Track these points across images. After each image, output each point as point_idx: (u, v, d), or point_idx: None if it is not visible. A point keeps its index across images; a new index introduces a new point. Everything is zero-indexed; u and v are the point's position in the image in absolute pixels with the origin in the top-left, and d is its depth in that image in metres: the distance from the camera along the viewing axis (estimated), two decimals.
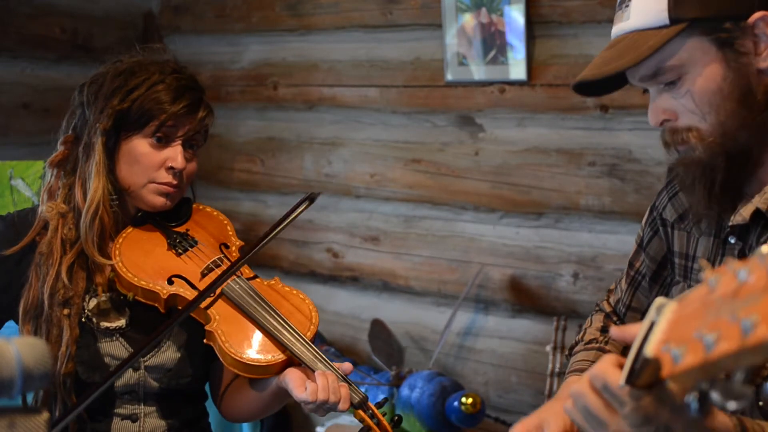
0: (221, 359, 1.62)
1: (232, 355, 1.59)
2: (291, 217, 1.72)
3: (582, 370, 1.51)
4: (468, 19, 2.88)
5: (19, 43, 3.17)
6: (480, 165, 2.99)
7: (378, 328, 3.11)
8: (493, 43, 2.85)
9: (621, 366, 0.96)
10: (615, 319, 1.62)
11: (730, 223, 1.29)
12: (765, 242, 1.25)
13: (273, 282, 1.76)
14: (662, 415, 0.93)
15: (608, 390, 0.96)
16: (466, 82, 2.96)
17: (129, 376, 1.66)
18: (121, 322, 1.67)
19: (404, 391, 2.82)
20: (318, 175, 3.34)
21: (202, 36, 3.56)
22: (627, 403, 0.93)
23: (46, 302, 1.62)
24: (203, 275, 1.69)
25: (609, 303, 1.64)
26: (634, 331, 0.93)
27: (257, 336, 1.63)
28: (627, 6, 1.26)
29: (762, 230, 1.26)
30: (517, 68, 2.83)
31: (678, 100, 1.25)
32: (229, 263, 1.72)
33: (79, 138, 1.69)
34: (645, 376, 0.88)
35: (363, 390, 2.96)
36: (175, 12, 3.61)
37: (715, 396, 0.75)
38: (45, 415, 0.82)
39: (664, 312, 0.82)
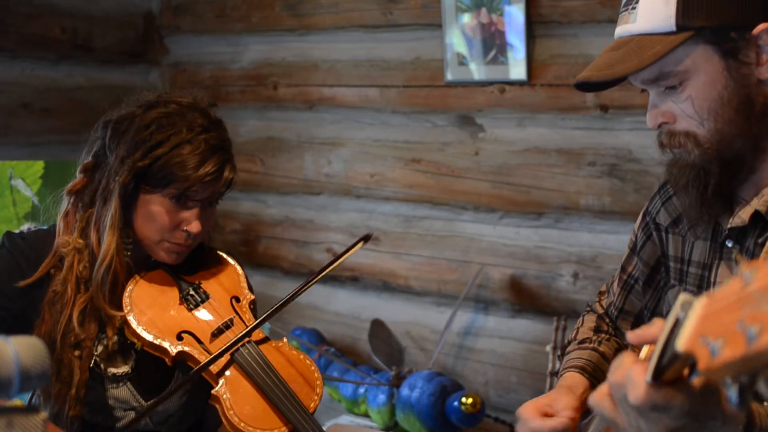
0: (224, 423, 1.60)
1: (236, 425, 1.58)
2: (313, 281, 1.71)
3: (577, 367, 1.52)
4: (468, 19, 2.88)
5: (19, 43, 3.17)
6: (480, 165, 2.99)
7: (378, 328, 3.11)
8: (493, 43, 2.85)
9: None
10: (607, 320, 1.62)
11: (729, 226, 1.30)
12: (763, 245, 1.26)
13: (281, 344, 1.72)
14: (692, 404, 0.92)
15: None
16: (466, 82, 2.96)
17: (129, 418, 1.65)
18: (127, 368, 1.66)
19: (404, 391, 2.82)
20: (318, 175, 3.34)
21: (202, 36, 3.56)
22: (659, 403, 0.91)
23: (57, 342, 1.60)
24: (213, 336, 1.66)
25: (601, 305, 1.65)
26: (653, 332, 0.92)
27: (261, 406, 1.62)
28: (634, 8, 1.25)
29: (760, 232, 1.27)
30: (517, 68, 2.83)
31: (677, 104, 1.26)
32: (240, 322, 1.69)
33: (99, 173, 1.65)
34: (673, 371, 0.88)
35: (363, 390, 2.98)
36: (175, 12, 3.61)
37: (763, 388, 0.75)
38: (43, 414, 0.82)
39: (694, 307, 0.81)
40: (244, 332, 1.64)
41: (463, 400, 2.68)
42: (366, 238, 1.74)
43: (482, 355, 3.06)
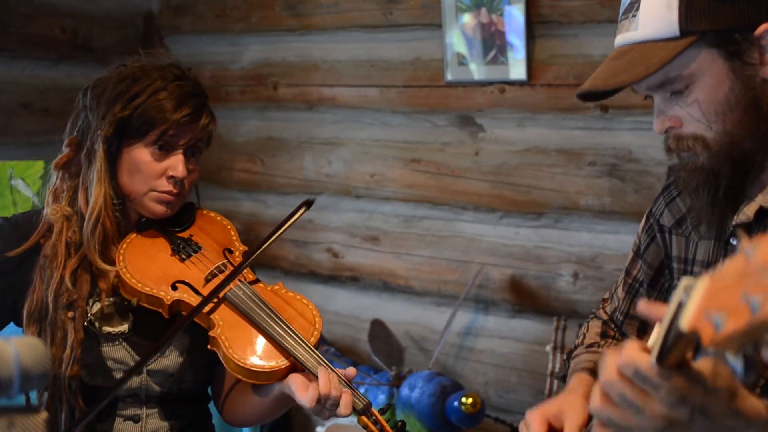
0: (225, 365, 1.61)
1: (236, 361, 1.58)
2: (291, 221, 1.72)
3: (589, 369, 1.51)
4: (468, 19, 2.88)
5: (19, 43, 3.17)
6: (480, 165, 2.99)
7: (378, 328, 3.11)
8: (493, 43, 2.85)
9: (647, 350, 0.95)
10: (612, 326, 1.62)
11: (734, 223, 1.29)
12: None
13: (276, 287, 1.75)
14: (696, 394, 0.94)
15: (640, 375, 0.95)
16: (466, 82, 2.96)
17: (131, 380, 1.65)
18: (124, 327, 1.67)
19: (404, 391, 2.82)
20: (318, 175, 3.34)
21: (202, 36, 3.56)
22: (661, 385, 0.93)
23: (50, 305, 1.62)
24: (207, 281, 1.69)
25: (605, 311, 1.64)
26: (663, 309, 0.93)
27: (261, 342, 1.62)
28: (634, 16, 1.25)
29: (766, 229, 1.27)
30: (517, 68, 2.83)
31: (684, 108, 1.26)
32: (232, 268, 1.71)
33: (83, 141, 1.69)
34: (677, 352, 0.88)
35: (363, 390, 2.98)
36: (175, 12, 3.61)
37: (767, 354, 0.76)
38: (44, 414, 0.82)
39: (696, 287, 0.81)
40: (234, 270, 1.66)
41: (463, 400, 2.68)
42: (308, 204, 1.74)
43: (482, 355, 3.06)
